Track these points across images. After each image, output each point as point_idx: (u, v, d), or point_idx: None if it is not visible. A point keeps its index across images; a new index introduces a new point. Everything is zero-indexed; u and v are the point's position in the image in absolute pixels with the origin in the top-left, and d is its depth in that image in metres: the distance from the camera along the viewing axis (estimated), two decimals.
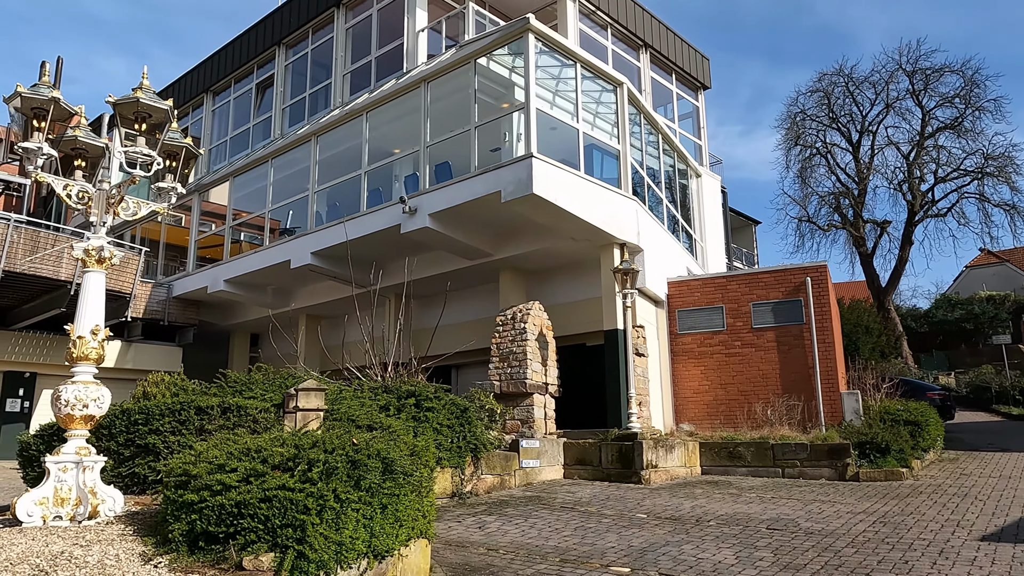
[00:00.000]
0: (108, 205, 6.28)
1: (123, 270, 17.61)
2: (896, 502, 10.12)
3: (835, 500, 10.37)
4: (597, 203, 13.84)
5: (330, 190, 18.04)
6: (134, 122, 6.17)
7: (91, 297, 6.11)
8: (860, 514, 9.22)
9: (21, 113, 6.06)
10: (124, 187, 6.26)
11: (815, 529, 8.25)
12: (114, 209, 6.34)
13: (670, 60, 21.71)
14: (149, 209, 6.63)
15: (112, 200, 6.27)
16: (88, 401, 5.87)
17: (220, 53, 23.25)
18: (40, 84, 6.02)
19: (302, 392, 7.10)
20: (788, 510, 9.56)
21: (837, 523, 8.62)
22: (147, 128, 6.21)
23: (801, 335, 14.81)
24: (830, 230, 38.45)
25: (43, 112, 5.99)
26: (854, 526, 8.42)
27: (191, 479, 5.38)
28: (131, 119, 6.15)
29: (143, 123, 6.17)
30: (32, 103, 5.95)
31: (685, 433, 14.49)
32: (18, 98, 5.89)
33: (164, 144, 6.53)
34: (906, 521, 8.70)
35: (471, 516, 9.11)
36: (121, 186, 6.27)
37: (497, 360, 13.28)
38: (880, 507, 9.72)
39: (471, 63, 14.53)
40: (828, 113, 38.51)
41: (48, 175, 6.10)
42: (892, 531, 8.10)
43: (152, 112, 6.17)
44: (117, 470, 7.70)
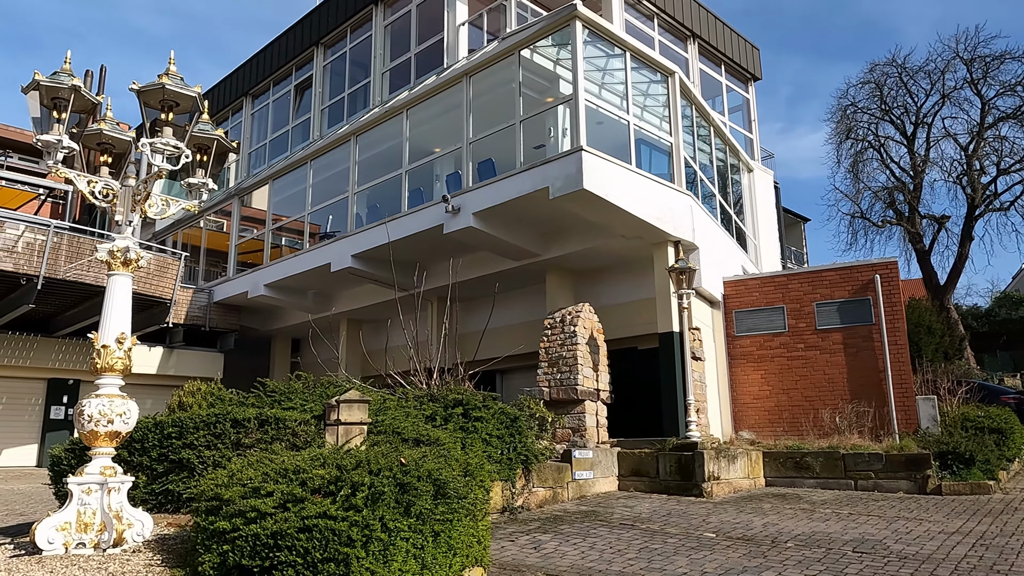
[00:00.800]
0: (134, 203, 5.79)
1: (163, 275, 17.40)
2: (991, 520, 9.19)
3: (921, 517, 9.47)
4: (650, 198, 13.10)
5: (370, 191, 17.59)
6: (160, 111, 5.66)
7: (117, 302, 5.63)
8: (955, 534, 8.33)
9: (43, 105, 5.60)
10: (150, 182, 5.77)
11: (908, 553, 7.41)
12: (140, 207, 5.85)
13: (719, 50, 20.84)
14: (179, 207, 6.14)
15: (138, 197, 5.78)
16: (113, 416, 5.38)
17: (258, 56, 23.06)
18: (60, 72, 5.56)
19: (344, 404, 6.53)
20: (872, 529, 8.71)
21: (931, 545, 7.76)
22: (174, 118, 5.71)
23: (870, 336, 13.84)
24: (884, 226, 36.93)
25: (63, 103, 5.53)
26: (952, 549, 7.56)
27: (223, 504, 4.83)
28: (157, 108, 5.65)
29: (170, 112, 5.67)
30: (52, 92, 5.49)
31: (746, 442, 13.64)
32: (37, 86, 5.43)
33: (193, 136, 6.03)
34: (1011, 544, 7.80)
35: (524, 534, 8.46)
36: (147, 181, 5.78)
37: (546, 365, 12.62)
38: (974, 526, 8.82)
39: (514, 55, 13.92)
40: (880, 105, 36.98)
41: (70, 171, 5.63)
42: (999, 556, 7.23)
43: (179, 100, 5.67)
44: (150, 487, 7.25)
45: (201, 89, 5.69)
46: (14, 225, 15.64)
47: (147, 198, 5.75)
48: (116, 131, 6.18)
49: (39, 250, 15.20)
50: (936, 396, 13.86)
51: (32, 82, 5.44)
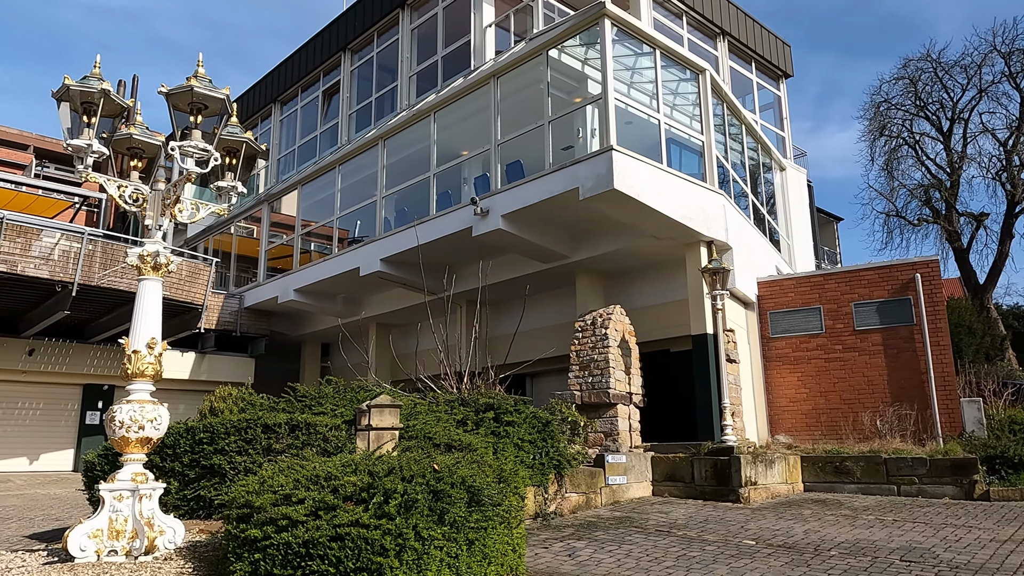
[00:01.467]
0: (164, 207, 5.75)
1: (195, 281, 17.53)
2: None
3: (970, 524, 9.13)
4: (681, 198, 12.87)
5: (398, 195, 17.57)
6: (189, 114, 5.62)
7: (147, 307, 5.59)
8: (1007, 542, 8.00)
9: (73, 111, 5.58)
10: (180, 186, 5.72)
11: (960, 562, 7.11)
12: (170, 211, 5.81)
13: (749, 48, 20.51)
14: (208, 211, 6.09)
15: (168, 201, 5.74)
16: (144, 422, 5.33)
17: (286, 63, 23.21)
18: (90, 76, 5.53)
19: (375, 409, 6.43)
20: (919, 536, 8.40)
21: (984, 554, 7.44)
22: (203, 121, 5.65)
23: (911, 337, 13.44)
24: (921, 225, 36.10)
25: (93, 107, 5.50)
26: (1007, 558, 7.24)
27: (254, 511, 4.74)
28: (186, 111, 5.60)
29: (199, 115, 5.62)
30: (82, 97, 5.47)
31: (783, 446, 13.32)
32: (67, 91, 5.41)
33: (222, 139, 5.98)
34: None
35: (558, 541, 8.30)
36: (177, 185, 5.74)
37: (577, 369, 12.44)
38: None
39: (542, 55, 13.78)
40: (915, 101, 36.19)
41: (100, 175, 5.61)
42: None
43: (208, 103, 5.61)
44: (182, 492, 7.22)
45: (229, 91, 5.64)
46: (50, 233, 15.85)
47: (176, 202, 5.70)
48: (146, 136, 6.16)
49: (74, 257, 15.39)
50: (981, 398, 13.42)
51: (62, 87, 5.43)
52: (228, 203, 6.16)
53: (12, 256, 14.82)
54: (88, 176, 5.48)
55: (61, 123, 5.48)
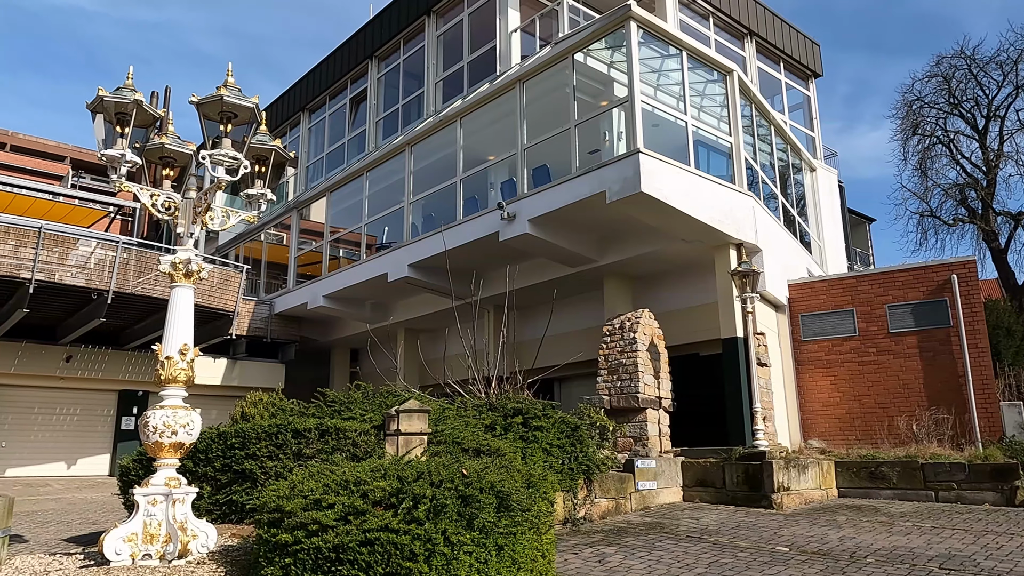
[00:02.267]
0: (195, 215, 5.83)
1: (226, 288, 17.76)
2: None
3: (1012, 532, 8.89)
4: (710, 200, 12.75)
5: (425, 201, 17.65)
6: (219, 123, 5.69)
7: (180, 314, 5.66)
8: None
9: (107, 121, 5.69)
10: (211, 194, 5.80)
11: (1001, 570, 6.93)
12: (201, 219, 5.89)
13: (777, 47, 20.30)
14: (239, 218, 6.16)
15: (199, 209, 5.81)
16: (177, 427, 5.40)
17: (314, 71, 23.48)
18: (123, 88, 5.64)
19: (404, 414, 6.45)
20: (958, 544, 8.20)
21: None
22: (233, 130, 5.73)
23: (948, 339, 13.16)
24: (956, 225, 35.28)
25: (126, 117, 5.60)
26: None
27: (284, 516, 4.77)
28: (216, 120, 5.68)
29: (229, 123, 5.69)
30: (115, 108, 5.57)
31: (816, 451, 13.11)
32: (100, 102, 5.52)
33: (251, 147, 6.05)
34: None
35: (588, 546, 8.24)
36: (208, 193, 5.81)
37: (605, 373, 12.38)
38: None
39: (568, 58, 13.76)
40: (949, 99, 35.44)
41: (133, 185, 5.70)
42: None
43: (238, 111, 5.69)
44: (214, 497, 7.29)
45: (258, 100, 5.70)
46: (86, 242, 16.18)
47: (207, 210, 5.78)
48: (178, 145, 6.26)
49: (109, 266, 15.70)
50: (1022, 401, 13.08)
51: (96, 98, 5.53)
52: (258, 210, 6.23)
53: (50, 265, 15.16)
54: (122, 185, 5.58)
55: (95, 134, 5.59)
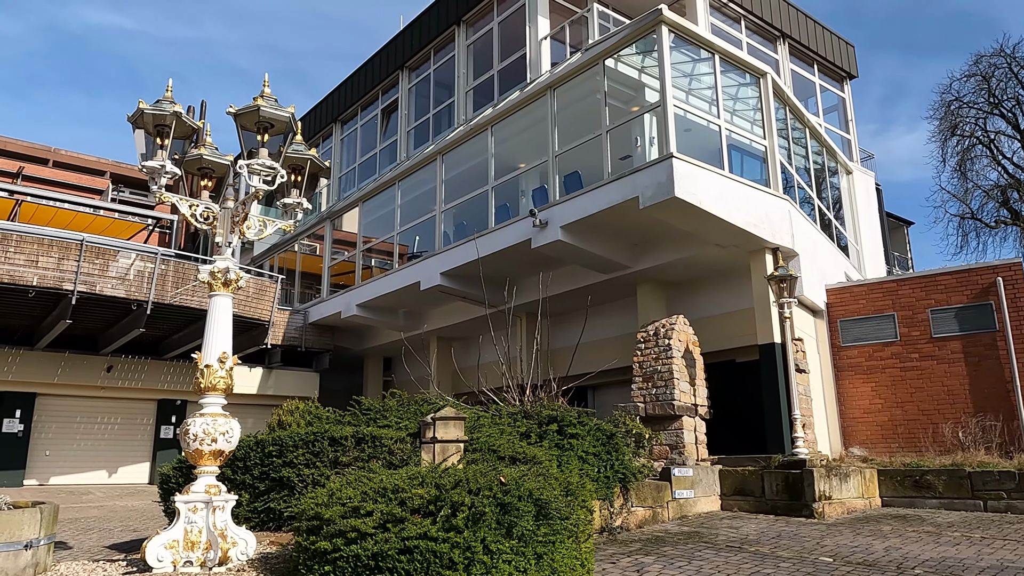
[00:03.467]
0: (233, 224, 5.89)
1: (261, 298, 17.98)
2: None
3: None
4: (745, 204, 12.59)
5: (456, 210, 17.70)
6: (256, 133, 5.75)
7: (218, 322, 5.72)
8: None
9: (147, 134, 5.78)
10: (248, 203, 5.86)
11: None
12: (239, 228, 5.95)
13: (811, 49, 20.02)
14: (275, 227, 6.21)
15: (237, 219, 5.87)
16: (217, 435, 5.44)
17: (346, 83, 23.73)
18: (163, 100, 5.73)
19: (440, 421, 6.43)
20: (1011, 555, 7.93)
21: None
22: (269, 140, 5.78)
23: (994, 344, 12.79)
24: (998, 227, 34.48)
25: (166, 129, 5.69)
26: None
27: (323, 524, 4.77)
28: (253, 130, 5.74)
29: (265, 134, 5.75)
30: (155, 120, 5.66)
31: (857, 459, 12.82)
32: (141, 115, 5.61)
33: (288, 157, 6.10)
34: None
35: (625, 556, 8.13)
36: (245, 203, 5.87)
37: (640, 380, 12.25)
38: None
39: (599, 64, 13.72)
40: (988, 98, 34.70)
41: (173, 195, 5.78)
42: None
43: (274, 122, 5.74)
44: (253, 504, 7.33)
45: (294, 110, 5.75)
46: (126, 254, 16.50)
47: (245, 219, 5.84)
48: (215, 156, 6.34)
49: (148, 277, 15.99)
50: None
51: (137, 111, 5.62)
52: (294, 219, 6.27)
53: (91, 276, 15.48)
54: (162, 196, 5.66)
55: (136, 146, 5.69)
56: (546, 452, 8.38)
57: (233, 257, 5.89)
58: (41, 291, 14.95)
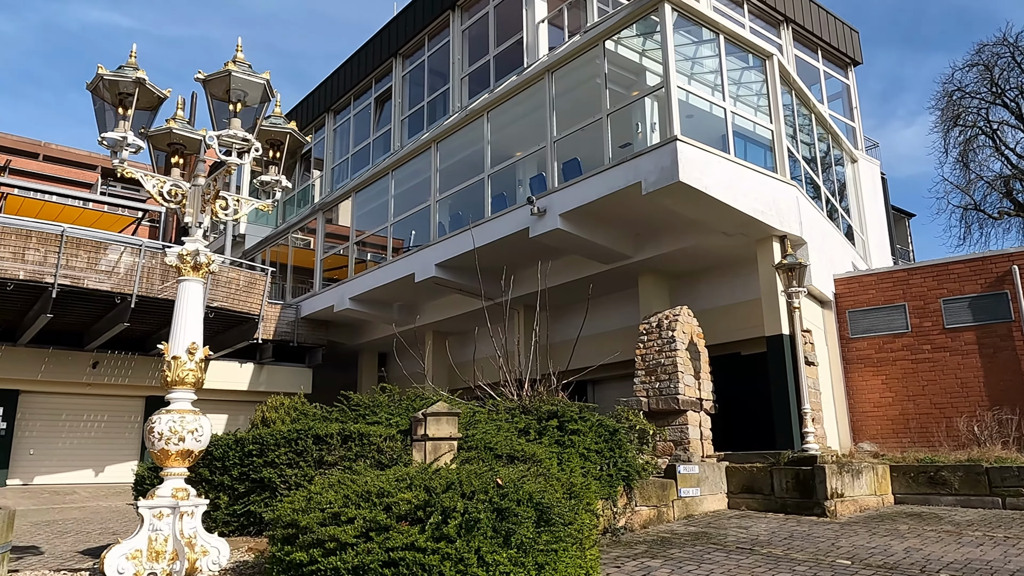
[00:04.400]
0: (204, 203, 5.39)
1: (251, 291, 17.45)
2: None
3: None
4: (752, 190, 12.09)
5: (452, 200, 17.18)
6: (228, 102, 5.24)
7: (188, 310, 5.22)
8: None
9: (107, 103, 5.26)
10: (220, 180, 5.35)
11: None
12: (211, 207, 5.44)
13: (815, 35, 19.52)
14: (251, 207, 5.70)
15: (208, 197, 5.37)
16: (185, 433, 4.94)
17: (339, 72, 23.18)
18: (126, 66, 5.21)
19: (431, 417, 5.93)
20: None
21: None
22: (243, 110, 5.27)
23: (1009, 335, 12.33)
24: (1002, 218, 34.05)
25: (128, 98, 5.17)
26: None
27: (300, 532, 4.27)
28: (224, 99, 5.23)
29: (238, 103, 5.24)
30: (116, 87, 5.15)
31: (868, 454, 12.36)
32: (100, 81, 5.10)
33: (263, 130, 5.59)
34: None
35: (630, 559, 7.65)
36: (216, 179, 5.36)
37: (643, 374, 11.77)
38: None
39: (599, 45, 13.19)
40: (991, 88, 34.22)
41: (136, 170, 5.27)
42: None
43: (247, 89, 5.23)
44: (231, 508, 6.85)
45: (269, 76, 5.24)
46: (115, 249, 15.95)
47: (217, 197, 5.33)
48: (187, 130, 5.83)
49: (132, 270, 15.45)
50: None
51: (96, 77, 5.11)
52: (272, 198, 5.77)
53: (75, 270, 14.94)
54: (123, 171, 5.15)
55: (96, 116, 5.17)
56: (546, 450, 7.90)
57: (205, 239, 5.38)
58: (20, 284, 14.40)
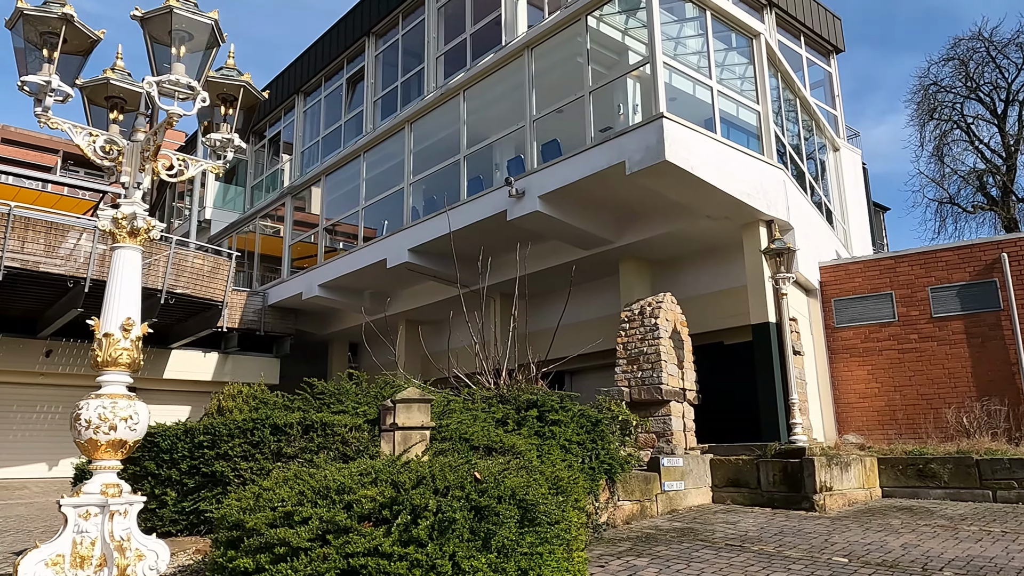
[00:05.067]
0: (143, 161, 4.75)
1: (214, 277, 16.67)
2: None
3: None
4: (739, 172, 11.64)
5: (427, 184, 16.54)
6: (170, 46, 4.60)
7: (123, 281, 4.59)
8: None
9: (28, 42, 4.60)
10: (160, 133, 4.71)
11: None
12: (152, 166, 4.80)
13: (798, 20, 19.15)
14: (199, 167, 5.07)
15: (147, 154, 4.73)
16: (116, 421, 4.31)
17: (309, 51, 22.37)
18: (51, 2, 4.55)
19: (401, 405, 5.35)
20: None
21: None
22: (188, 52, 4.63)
23: (998, 324, 12.04)
24: (976, 212, 34.18)
25: (54, 38, 4.51)
26: None
27: (246, 534, 3.66)
28: (166, 42, 4.59)
29: (182, 47, 4.60)
30: (40, 26, 4.49)
31: (854, 446, 12.02)
32: (20, 16, 4.43)
33: (214, 81, 4.97)
34: None
35: (614, 557, 7.15)
36: (157, 132, 4.73)
37: (624, 363, 11.29)
38: None
39: (580, 21, 12.64)
40: (966, 82, 34.31)
41: (65, 121, 4.62)
42: None
43: (192, 31, 4.59)
44: (180, 504, 6.22)
45: (218, 16, 4.61)
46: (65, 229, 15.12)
47: (157, 152, 4.69)
48: (127, 82, 5.19)
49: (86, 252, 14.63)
50: None
51: (15, 12, 4.44)
52: (223, 160, 5.15)
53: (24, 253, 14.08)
54: (49, 122, 4.49)
55: (16, 59, 4.51)
56: (525, 441, 7.37)
57: (144, 201, 4.75)
58: None
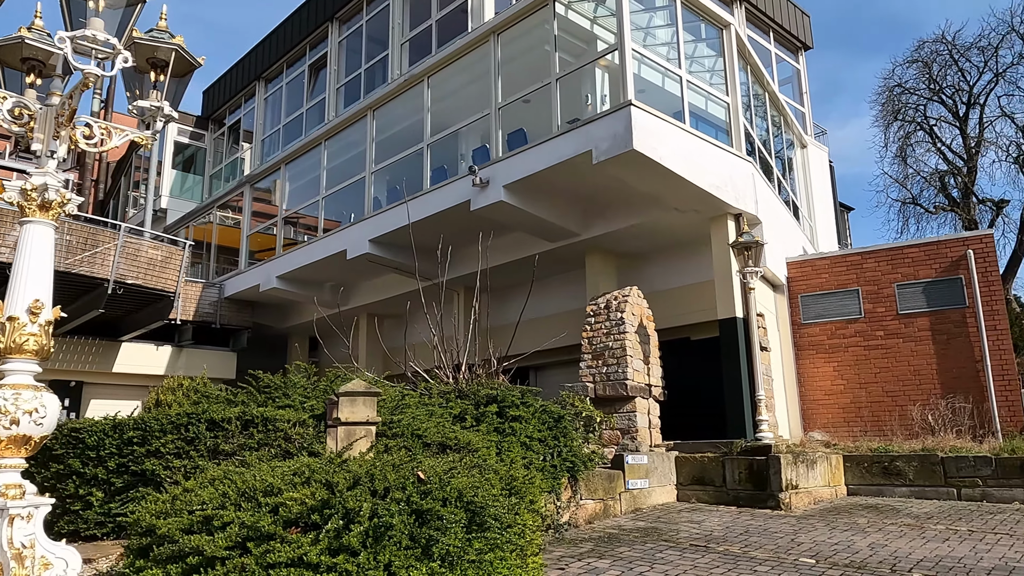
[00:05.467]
0: (58, 126, 4.29)
1: (166, 267, 16.02)
2: None
3: None
4: (708, 163, 11.41)
5: (390, 174, 16.07)
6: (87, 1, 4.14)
7: (32, 259, 4.13)
8: None
9: None
10: (76, 96, 4.26)
11: None
12: (69, 132, 4.34)
13: (767, 16, 19.07)
14: (124, 137, 4.62)
15: (61, 119, 4.27)
16: (19, 414, 3.85)
17: (271, 36, 21.74)
18: None
19: (345, 398, 4.96)
20: (1011, 552, 6.96)
21: None
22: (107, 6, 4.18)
23: (963, 321, 12.00)
24: (937, 213, 34.64)
25: None
26: None
27: (157, 541, 3.24)
28: None
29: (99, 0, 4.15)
30: None
31: (820, 444, 11.88)
32: None
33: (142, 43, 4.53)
34: None
35: (575, 559, 6.84)
36: (72, 96, 4.27)
37: (589, 358, 11.00)
38: None
39: (548, 6, 12.29)
40: (930, 85, 34.74)
41: None
42: None
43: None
44: (107, 506, 5.75)
45: None
46: None
47: (71, 118, 4.24)
48: (44, 42, 4.72)
49: None
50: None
51: None
52: (152, 129, 4.70)
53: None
54: None
55: None
56: (483, 438, 7.02)
57: (58, 172, 4.29)
58: None
